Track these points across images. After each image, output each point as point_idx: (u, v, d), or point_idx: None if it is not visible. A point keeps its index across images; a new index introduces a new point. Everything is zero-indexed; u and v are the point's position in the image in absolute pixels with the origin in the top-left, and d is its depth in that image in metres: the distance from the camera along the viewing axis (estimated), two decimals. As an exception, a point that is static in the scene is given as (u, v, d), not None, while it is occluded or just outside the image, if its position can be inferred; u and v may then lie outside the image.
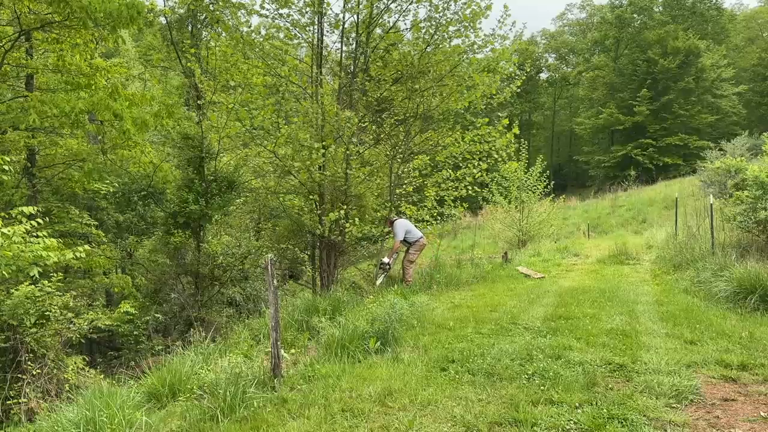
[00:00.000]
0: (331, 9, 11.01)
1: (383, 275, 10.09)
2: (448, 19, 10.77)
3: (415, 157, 11.97)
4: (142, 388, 4.95)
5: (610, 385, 4.41)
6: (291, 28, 11.02)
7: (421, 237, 10.17)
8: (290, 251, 12.67)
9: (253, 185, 12.47)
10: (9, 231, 6.42)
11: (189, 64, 14.14)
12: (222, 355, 5.72)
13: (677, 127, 46.73)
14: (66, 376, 7.12)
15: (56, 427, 4.05)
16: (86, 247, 7.94)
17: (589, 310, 7.30)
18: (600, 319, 6.70)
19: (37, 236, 6.97)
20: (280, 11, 10.68)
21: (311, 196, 10.94)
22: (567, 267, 13.34)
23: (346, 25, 11.41)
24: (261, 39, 10.82)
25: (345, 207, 10.43)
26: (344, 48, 12.29)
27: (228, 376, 4.59)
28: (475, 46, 11.10)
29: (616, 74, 52.69)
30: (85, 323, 7.91)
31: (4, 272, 6.46)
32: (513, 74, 11.61)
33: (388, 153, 11.36)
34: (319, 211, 10.58)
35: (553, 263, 13.92)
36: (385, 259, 9.97)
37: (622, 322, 6.51)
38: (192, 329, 8.27)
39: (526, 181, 20.22)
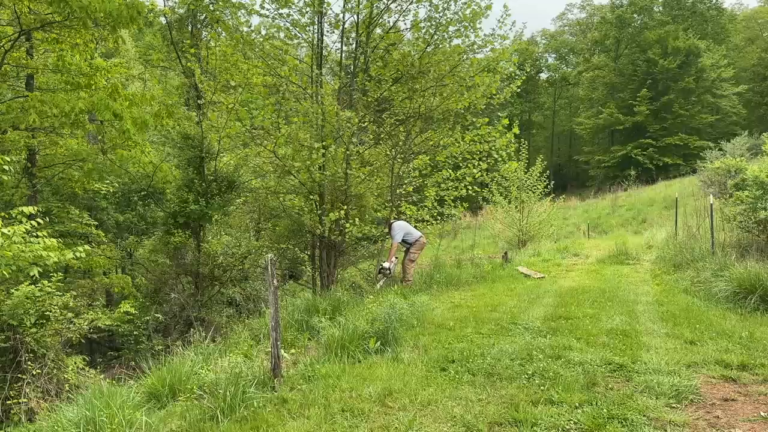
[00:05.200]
0: (331, 9, 11.01)
1: (383, 279, 10.09)
2: (448, 19, 10.76)
3: (416, 157, 11.96)
4: (142, 388, 4.96)
5: (610, 385, 4.41)
6: (291, 28, 11.01)
7: (421, 236, 10.25)
8: (290, 251, 12.66)
9: (253, 185, 12.47)
10: (9, 231, 6.42)
11: (189, 64, 14.12)
12: (222, 355, 5.72)
13: (677, 127, 46.75)
14: (66, 376, 7.12)
15: (56, 427, 4.05)
16: (86, 247, 7.94)
17: (589, 310, 7.31)
18: (600, 319, 6.70)
19: (37, 236, 6.97)
20: (280, 11, 10.67)
21: (311, 196, 10.93)
22: (567, 267, 13.33)
23: (346, 25, 11.41)
24: (261, 39, 10.80)
25: (345, 207, 10.43)
26: (344, 48, 12.28)
27: (228, 376, 4.58)
28: (475, 46, 11.09)
29: (616, 74, 52.69)
30: (85, 323, 7.91)
31: (4, 272, 6.46)
32: (513, 74, 11.59)
33: (388, 153, 11.35)
34: (319, 211, 10.58)
35: (553, 263, 13.91)
36: (386, 264, 9.94)
37: (622, 322, 6.51)
38: (192, 329, 8.27)
39: (526, 181, 20.20)
